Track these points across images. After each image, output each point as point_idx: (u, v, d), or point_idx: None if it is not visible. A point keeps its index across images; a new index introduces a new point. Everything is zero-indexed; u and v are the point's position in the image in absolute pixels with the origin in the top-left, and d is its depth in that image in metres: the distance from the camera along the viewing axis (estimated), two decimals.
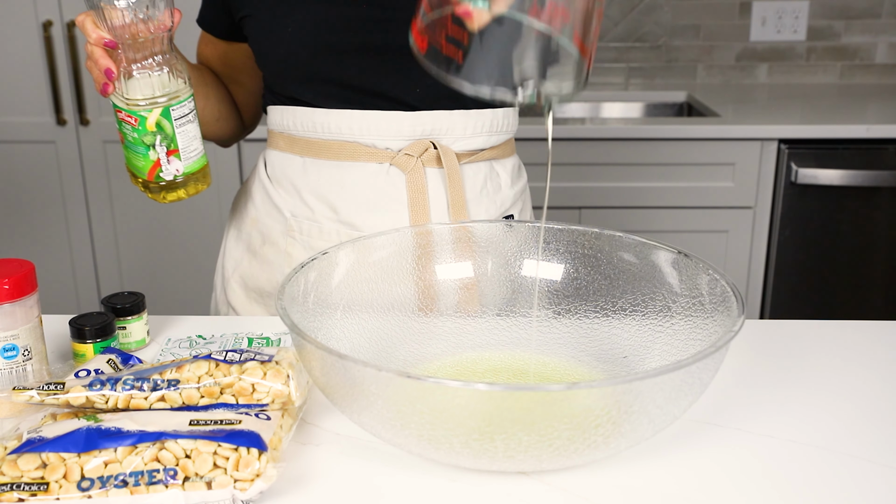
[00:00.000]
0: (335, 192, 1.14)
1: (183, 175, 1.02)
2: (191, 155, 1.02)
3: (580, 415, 0.70)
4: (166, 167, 1.01)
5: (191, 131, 1.01)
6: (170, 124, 0.99)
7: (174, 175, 1.01)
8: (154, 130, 0.99)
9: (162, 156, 1.00)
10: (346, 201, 1.14)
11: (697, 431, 0.85)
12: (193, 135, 1.02)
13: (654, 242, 0.95)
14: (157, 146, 0.99)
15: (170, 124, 0.99)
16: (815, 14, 2.71)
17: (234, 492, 0.71)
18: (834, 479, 0.78)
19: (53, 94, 2.36)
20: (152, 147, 0.99)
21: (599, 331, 0.97)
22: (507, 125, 1.18)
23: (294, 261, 1.17)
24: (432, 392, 0.71)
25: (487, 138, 1.16)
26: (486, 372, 0.95)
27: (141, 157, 1.00)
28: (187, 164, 1.02)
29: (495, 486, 0.76)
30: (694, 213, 2.32)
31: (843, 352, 1.01)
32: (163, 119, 0.98)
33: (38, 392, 0.80)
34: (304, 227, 1.16)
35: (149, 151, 1.00)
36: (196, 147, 1.02)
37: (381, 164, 1.13)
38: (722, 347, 0.74)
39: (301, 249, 1.16)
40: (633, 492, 0.76)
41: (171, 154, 1.00)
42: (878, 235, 2.31)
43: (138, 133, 0.99)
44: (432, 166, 1.13)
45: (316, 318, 0.89)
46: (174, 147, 1.00)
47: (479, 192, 1.16)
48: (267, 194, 1.20)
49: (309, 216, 1.16)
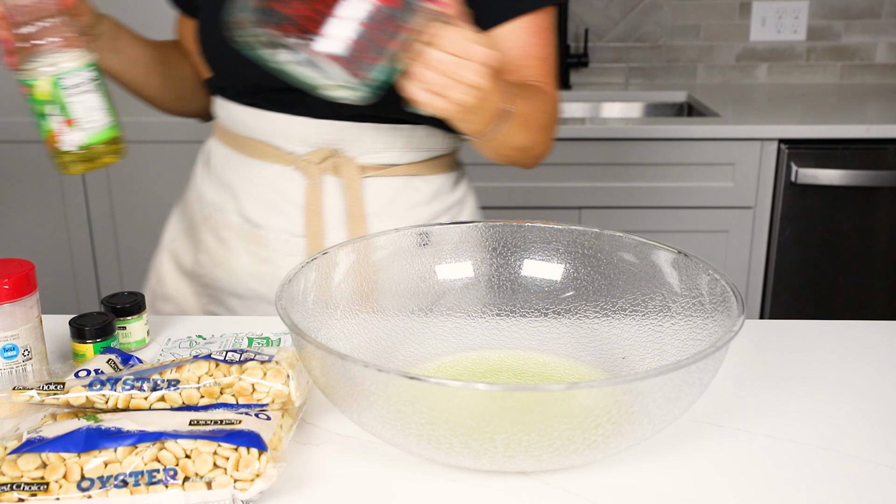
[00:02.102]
0: (242, 186, 1.18)
1: (85, 146, 0.99)
2: (92, 126, 0.98)
3: (580, 415, 0.70)
4: (64, 137, 0.98)
5: (89, 101, 0.98)
6: (61, 93, 0.96)
7: (74, 146, 0.98)
8: (46, 99, 0.96)
9: (56, 126, 0.98)
10: (249, 198, 1.17)
11: (697, 431, 0.85)
12: (94, 105, 0.98)
13: (654, 242, 0.95)
14: (51, 116, 0.97)
15: (61, 93, 0.96)
16: (815, 14, 2.71)
17: (234, 492, 0.71)
18: (834, 479, 0.78)
19: None
20: (47, 116, 0.98)
21: (599, 331, 0.97)
22: (431, 144, 1.16)
23: (203, 247, 1.22)
24: (432, 392, 0.71)
25: (402, 154, 1.15)
26: (486, 372, 0.95)
27: (40, 126, 0.99)
28: (89, 135, 0.99)
29: (495, 486, 0.76)
30: (694, 213, 2.32)
31: (844, 352, 1.01)
32: (54, 88, 0.96)
33: (38, 392, 0.80)
34: (215, 217, 1.21)
35: (44, 121, 0.98)
36: (99, 118, 0.99)
37: (285, 167, 1.15)
38: (722, 347, 0.74)
39: (211, 237, 1.21)
40: (632, 492, 0.76)
41: (68, 124, 0.97)
42: (878, 235, 2.31)
43: (31, 102, 0.97)
44: (335, 175, 1.14)
45: (316, 318, 0.89)
46: (69, 117, 0.97)
47: (385, 205, 1.15)
48: (195, 178, 1.26)
49: (220, 207, 1.20)
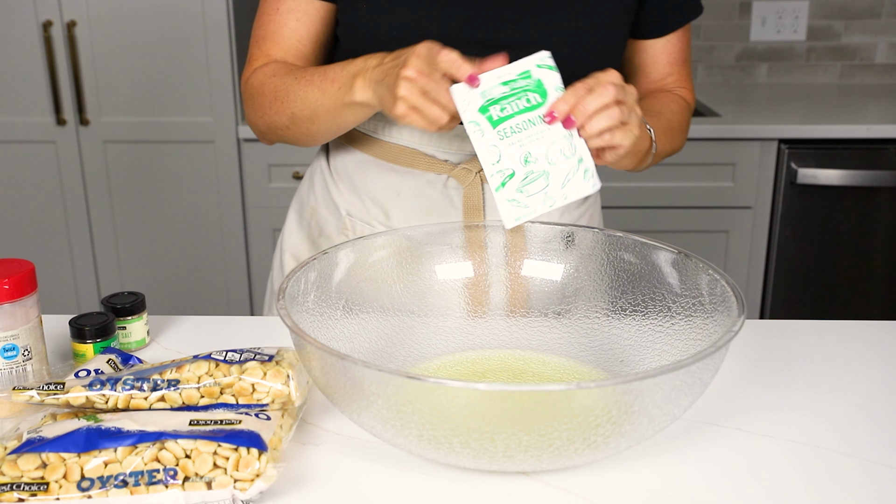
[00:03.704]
0: (390, 197, 1.12)
1: None
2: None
3: (580, 415, 0.70)
4: None
5: None
6: None
7: None
8: None
9: None
10: (399, 208, 1.12)
11: (697, 431, 0.85)
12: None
13: (654, 242, 0.94)
14: None
15: None
16: (815, 14, 2.71)
17: (234, 492, 0.71)
18: (834, 479, 0.78)
19: (53, 94, 2.35)
20: None
21: (599, 331, 0.97)
22: None
23: None
24: (432, 392, 0.71)
25: None
26: (485, 372, 0.95)
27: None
28: None
29: (495, 486, 0.76)
30: (694, 213, 2.32)
31: (843, 352, 1.01)
32: None
33: (38, 392, 0.80)
34: (358, 228, 1.14)
35: None
36: None
37: (438, 175, 1.11)
38: (722, 347, 0.74)
39: None
40: (632, 492, 0.76)
41: None
42: (878, 235, 2.31)
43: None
44: None
45: (316, 317, 0.89)
46: None
47: None
48: (326, 186, 1.18)
49: (363, 217, 1.14)
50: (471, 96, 0.87)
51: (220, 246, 2.47)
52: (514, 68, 0.88)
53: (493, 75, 0.88)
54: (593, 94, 0.88)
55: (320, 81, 1.02)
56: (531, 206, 0.89)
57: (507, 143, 0.88)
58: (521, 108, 0.88)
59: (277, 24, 1.10)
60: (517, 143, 0.88)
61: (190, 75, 2.34)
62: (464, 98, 0.87)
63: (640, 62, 1.18)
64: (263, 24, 1.12)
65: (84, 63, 2.34)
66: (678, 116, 1.13)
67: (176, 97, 2.35)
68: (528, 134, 0.88)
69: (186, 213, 2.46)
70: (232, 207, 2.43)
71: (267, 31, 1.11)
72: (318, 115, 1.03)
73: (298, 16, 1.10)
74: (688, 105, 1.18)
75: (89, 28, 2.31)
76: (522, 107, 0.88)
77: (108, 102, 2.37)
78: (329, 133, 1.08)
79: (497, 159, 0.88)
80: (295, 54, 1.11)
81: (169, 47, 2.32)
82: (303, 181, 1.26)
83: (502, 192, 0.88)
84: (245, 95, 1.13)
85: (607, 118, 0.88)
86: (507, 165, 0.88)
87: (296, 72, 1.07)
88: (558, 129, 0.88)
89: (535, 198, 0.89)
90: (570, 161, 0.89)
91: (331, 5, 1.10)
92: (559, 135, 0.88)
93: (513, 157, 0.88)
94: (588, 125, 0.88)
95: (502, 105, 0.88)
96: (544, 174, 0.88)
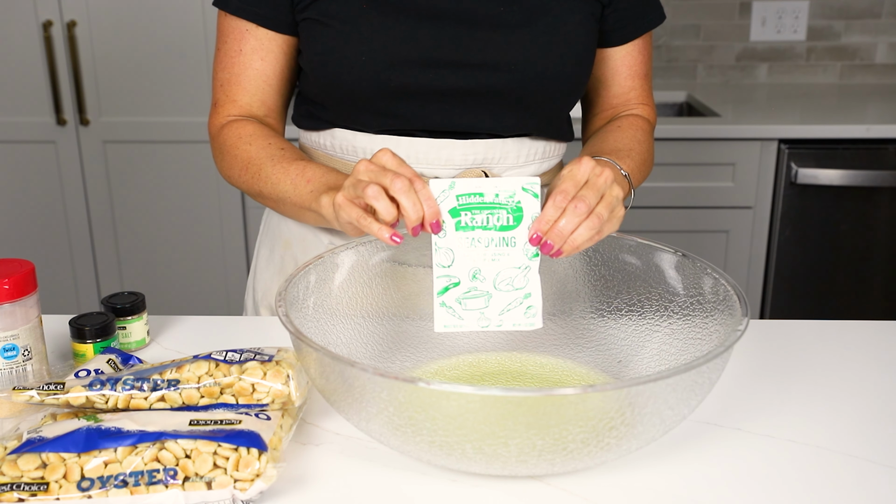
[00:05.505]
0: None
1: None
2: None
3: (595, 417, 0.70)
4: None
5: None
6: None
7: None
8: None
9: None
10: None
11: (698, 431, 0.85)
12: None
13: (654, 243, 0.94)
14: None
15: None
16: (815, 14, 2.71)
17: (234, 492, 0.71)
18: (834, 479, 0.78)
19: (53, 94, 2.35)
20: None
21: (597, 332, 0.97)
22: (558, 150, 1.14)
23: None
24: (446, 398, 0.70)
25: (540, 165, 1.12)
26: (484, 375, 0.94)
27: None
28: None
29: (496, 487, 0.76)
30: (694, 213, 2.32)
31: (843, 352, 1.01)
32: None
33: (38, 392, 0.80)
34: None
35: None
36: None
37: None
38: (731, 346, 0.74)
39: None
40: (633, 492, 0.76)
41: None
42: (878, 235, 2.31)
43: None
44: None
45: (316, 321, 0.89)
46: None
47: None
48: (285, 218, 1.13)
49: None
50: (447, 195, 0.85)
51: (220, 246, 2.47)
52: (501, 184, 0.86)
53: (477, 182, 0.86)
54: (566, 215, 0.84)
55: (295, 176, 0.99)
56: (465, 320, 0.87)
57: (462, 252, 0.86)
58: (492, 224, 0.86)
59: (242, 65, 1.07)
60: (471, 256, 0.86)
61: (190, 75, 2.34)
62: (440, 193, 0.85)
63: (601, 74, 1.16)
64: (227, 67, 1.08)
65: (84, 63, 2.34)
66: (646, 146, 1.11)
67: (176, 97, 2.35)
68: (487, 252, 0.86)
69: (186, 213, 2.46)
70: (232, 207, 2.43)
71: (231, 73, 1.08)
72: (285, 203, 1.01)
73: (263, 55, 1.07)
74: (651, 126, 1.16)
75: (89, 28, 2.31)
76: (493, 224, 0.86)
77: (107, 102, 2.37)
78: (293, 217, 1.06)
79: (449, 263, 0.86)
80: (261, 97, 1.08)
81: (169, 47, 2.32)
82: (269, 215, 1.21)
83: (443, 296, 0.86)
84: (213, 144, 1.10)
85: (587, 229, 0.85)
86: (456, 273, 0.87)
87: (272, 150, 1.03)
88: (517, 258, 0.87)
89: (471, 313, 0.87)
90: (515, 293, 0.87)
91: (292, 38, 1.07)
92: (516, 263, 0.87)
93: (463, 268, 0.86)
94: (566, 247, 0.85)
95: (474, 215, 0.86)
96: (486, 295, 0.87)
